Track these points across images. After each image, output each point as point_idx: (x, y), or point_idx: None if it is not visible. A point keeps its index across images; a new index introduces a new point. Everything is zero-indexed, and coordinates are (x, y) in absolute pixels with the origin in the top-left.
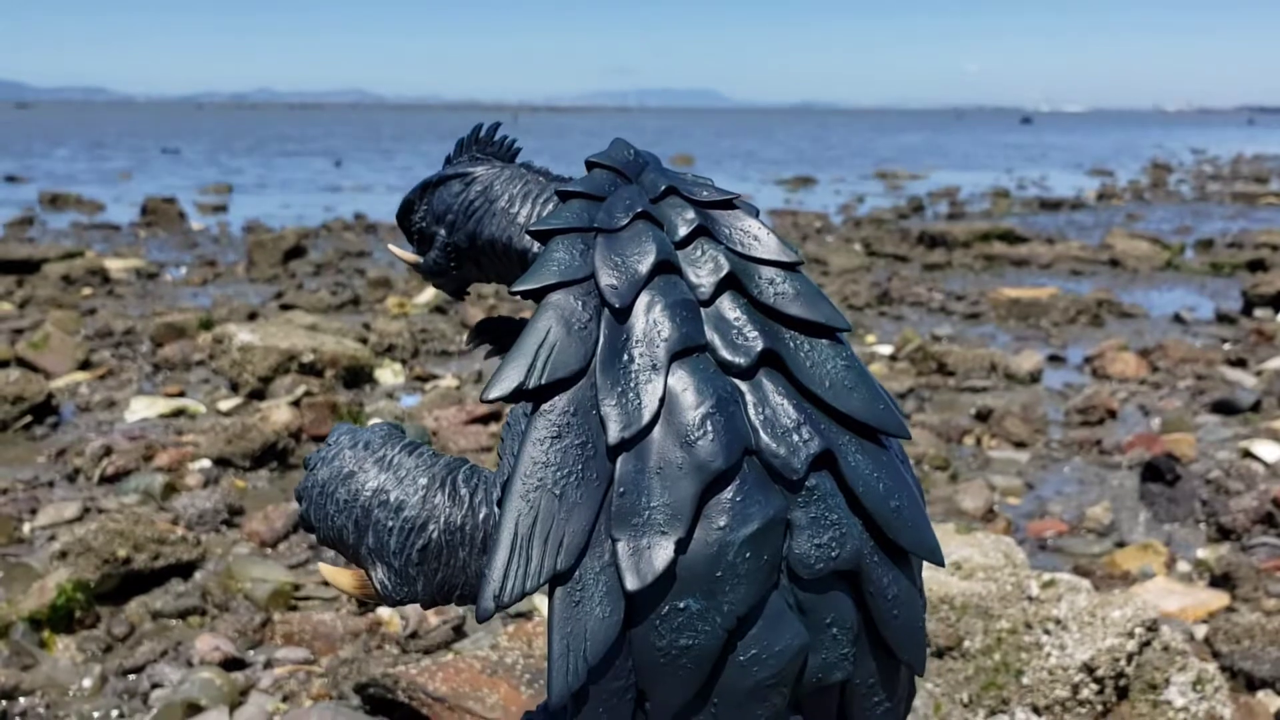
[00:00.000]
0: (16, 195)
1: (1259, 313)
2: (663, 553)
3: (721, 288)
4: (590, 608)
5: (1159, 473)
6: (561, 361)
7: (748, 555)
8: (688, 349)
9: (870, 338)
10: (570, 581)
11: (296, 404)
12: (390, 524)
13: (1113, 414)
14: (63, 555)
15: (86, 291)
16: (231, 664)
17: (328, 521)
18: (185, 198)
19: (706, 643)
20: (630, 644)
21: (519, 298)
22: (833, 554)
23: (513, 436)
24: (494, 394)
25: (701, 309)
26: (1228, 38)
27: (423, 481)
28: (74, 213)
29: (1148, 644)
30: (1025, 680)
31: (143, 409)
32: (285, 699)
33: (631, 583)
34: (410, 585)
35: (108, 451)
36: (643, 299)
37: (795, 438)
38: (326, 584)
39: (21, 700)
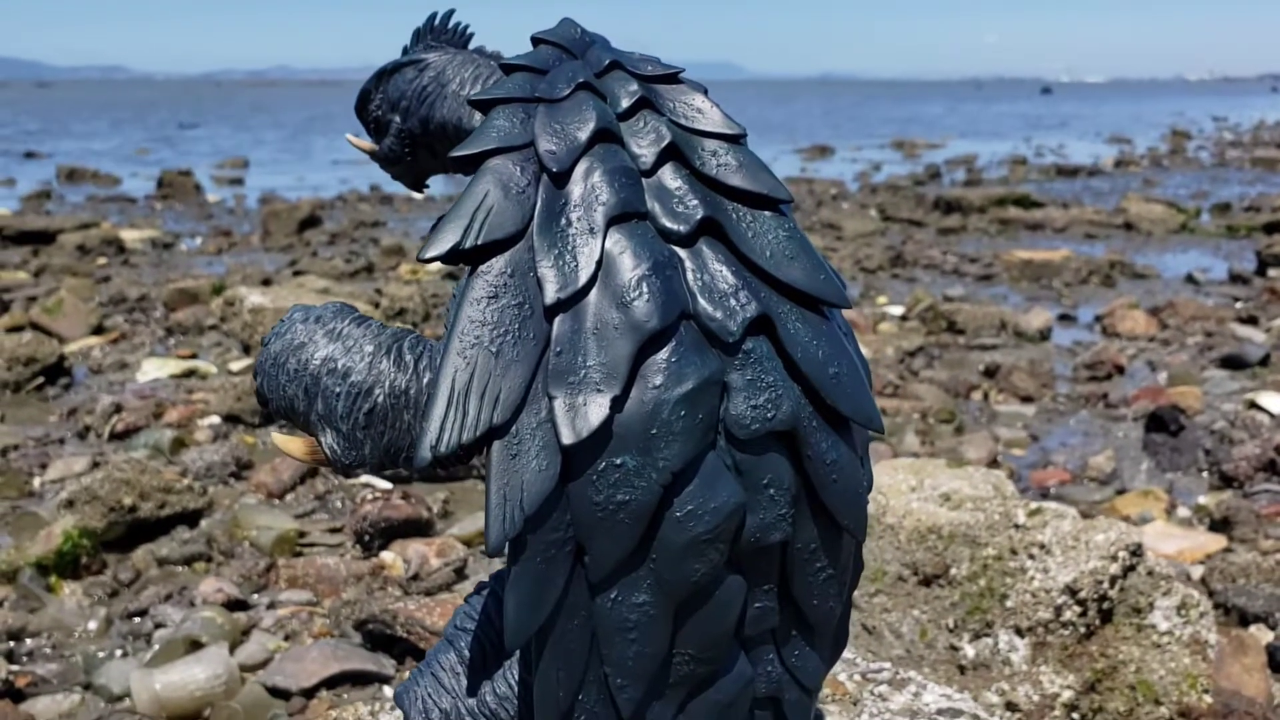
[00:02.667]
0: (35, 171)
1: (1273, 272)
2: (598, 409)
3: (663, 158)
4: (527, 461)
5: (1163, 423)
6: (498, 223)
7: (683, 414)
8: (626, 214)
9: (882, 299)
10: (507, 436)
11: None
12: (338, 390)
13: (1120, 369)
14: (69, 504)
15: (101, 261)
16: (234, 605)
17: (279, 392)
18: (202, 172)
19: (643, 498)
20: (568, 499)
21: (460, 173)
22: (768, 415)
23: (454, 305)
24: (430, 253)
25: (643, 179)
26: (1251, 5)
27: (369, 349)
28: (91, 186)
29: (1132, 569)
30: (1009, 604)
31: (154, 370)
32: (287, 638)
33: (567, 437)
34: (358, 449)
35: (118, 409)
36: (581, 165)
37: (732, 302)
38: (330, 533)
39: (28, 641)
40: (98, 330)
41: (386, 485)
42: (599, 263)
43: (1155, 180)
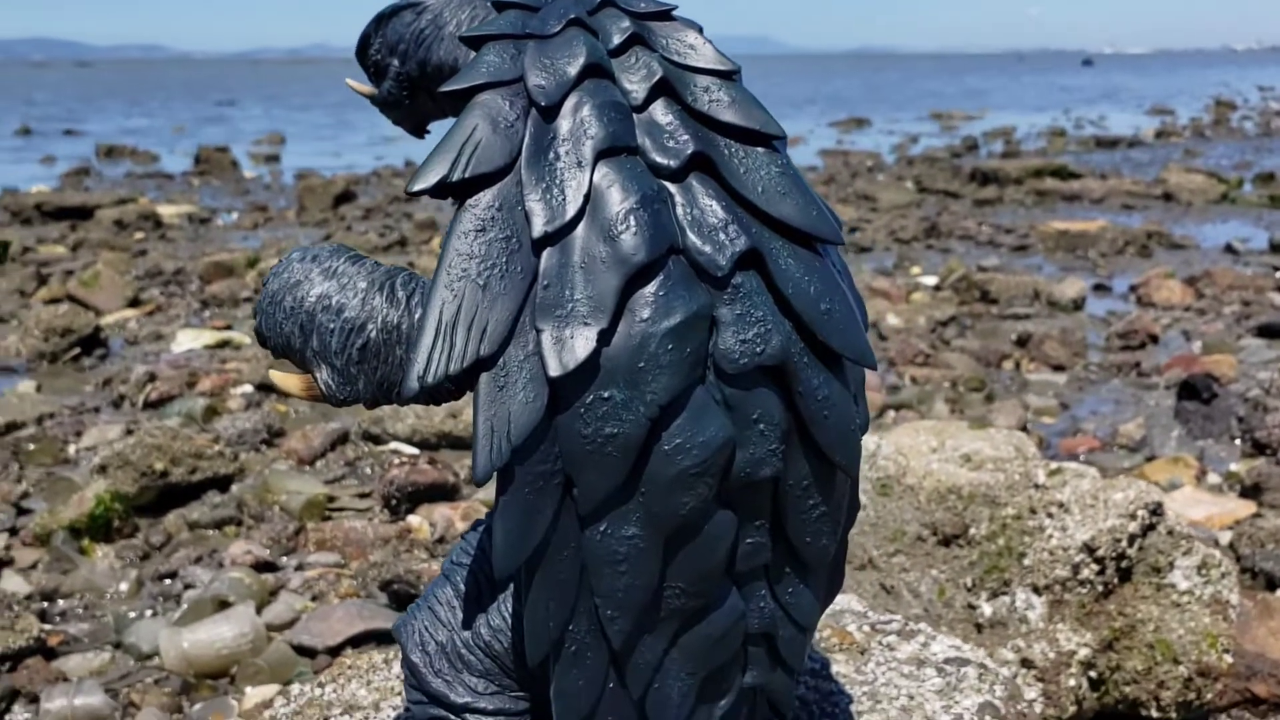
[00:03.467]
0: (74, 149)
1: None
2: (584, 342)
3: (655, 94)
4: (514, 393)
5: (1195, 391)
6: (486, 157)
7: (670, 347)
8: (615, 148)
9: (915, 269)
10: (494, 368)
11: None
12: (332, 326)
13: (1154, 338)
14: (102, 469)
15: (138, 235)
16: (263, 567)
17: (277, 329)
18: (239, 148)
19: (631, 431)
20: (556, 431)
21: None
22: (757, 350)
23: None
24: (417, 186)
25: (634, 114)
26: None
27: (362, 285)
28: (129, 163)
29: (1152, 527)
30: (1026, 562)
31: (188, 340)
32: (314, 598)
33: (554, 369)
34: (352, 384)
35: (152, 378)
36: (571, 99)
37: (722, 236)
38: (359, 498)
39: (61, 602)
40: (134, 303)
41: (414, 451)
42: (587, 196)
43: (1197, 151)
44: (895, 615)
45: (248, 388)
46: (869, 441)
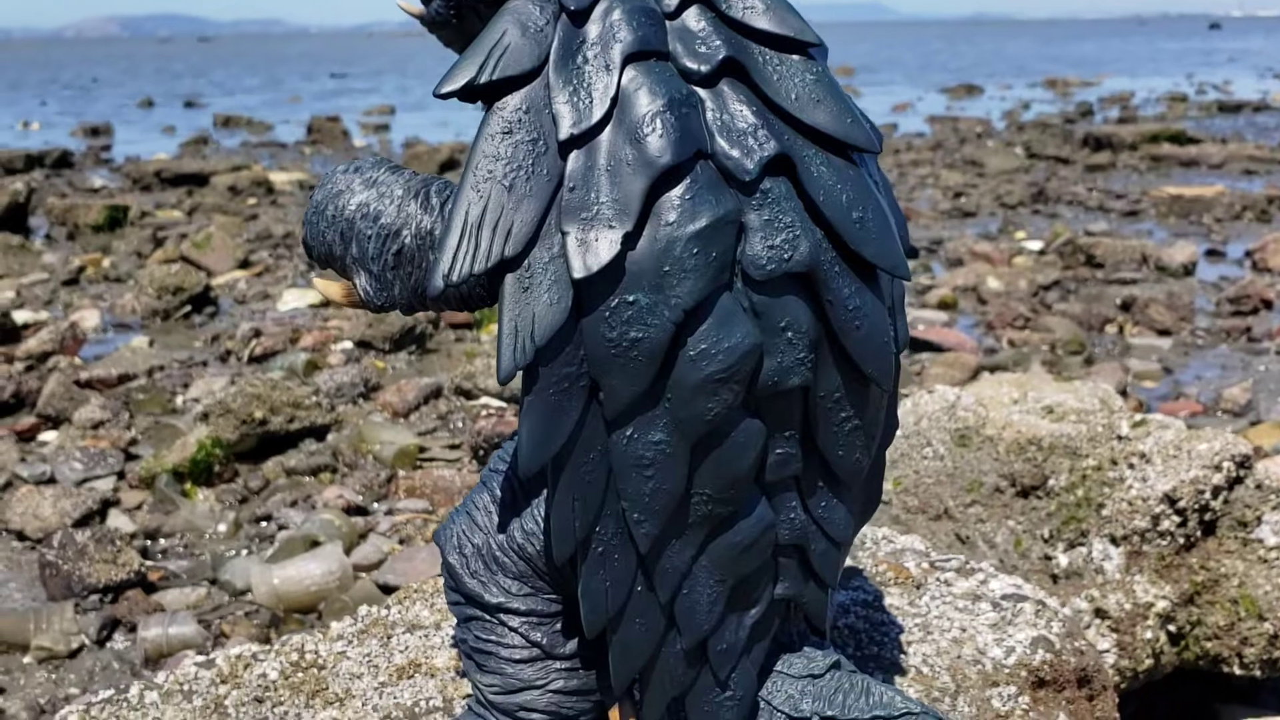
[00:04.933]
0: (194, 119)
1: None
2: (609, 245)
3: (687, 1)
4: (539, 294)
5: None
6: (514, 60)
7: (695, 251)
8: (644, 52)
9: (1020, 234)
10: (519, 269)
11: None
12: (369, 232)
13: (1268, 304)
14: (204, 417)
15: (251, 201)
16: (354, 511)
17: (320, 239)
18: (350, 118)
19: (656, 335)
20: (581, 334)
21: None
22: (785, 256)
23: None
24: (445, 89)
25: (666, 21)
26: None
27: (399, 192)
28: (244, 133)
29: (1240, 480)
30: (1105, 513)
31: (294, 300)
32: (401, 541)
33: (578, 271)
34: (388, 289)
35: (257, 334)
36: (601, 4)
37: (750, 141)
38: (449, 449)
39: (162, 540)
40: (244, 264)
41: (502, 404)
42: (614, 99)
43: None
44: (958, 556)
45: (348, 344)
46: (948, 393)
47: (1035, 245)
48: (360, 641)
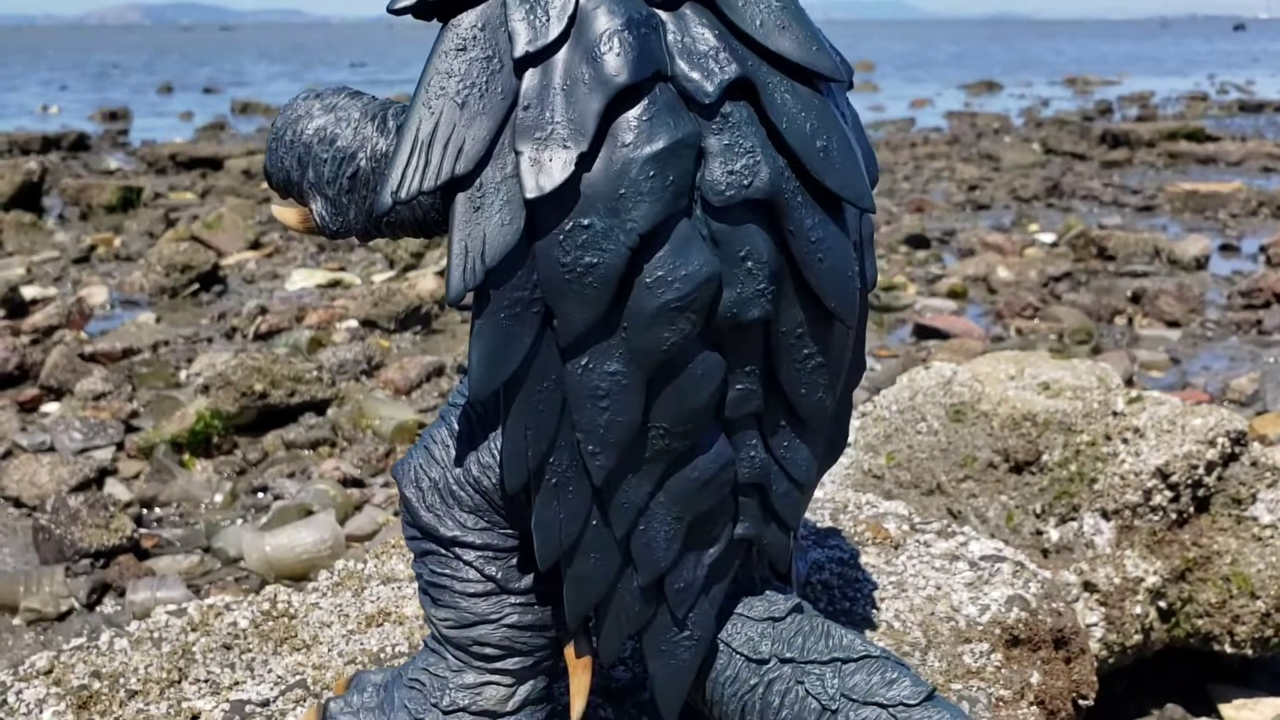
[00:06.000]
0: (212, 105)
1: None
2: (563, 165)
3: None
4: (490, 214)
5: None
6: None
7: (652, 174)
8: None
9: (1033, 226)
10: (470, 188)
11: (442, 273)
12: (325, 156)
13: None
14: (205, 389)
15: (264, 185)
16: (350, 483)
17: (279, 165)
18: None
19: (611, 261)
20: (534, 258)
21: None
22: (745, 182)
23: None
24: (400, 4)
25: None
26: None
27: (355, 116)
28: (262, 119)
29: (1235, 458)
30: (1097, 487)
31: (301, 280)
32: (396, 514)
33: (530, 191)
34: (343, 214)
35: (263, 311)
36: None
37: (712, 64)
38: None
39: (158, 509)
40: (254, 245)
41: None
42: (572, 18)
43: None
44: (943, 520)
45: (353, 323)
46: (944, 369)
47: (1048, 238)
48: (334, 593)
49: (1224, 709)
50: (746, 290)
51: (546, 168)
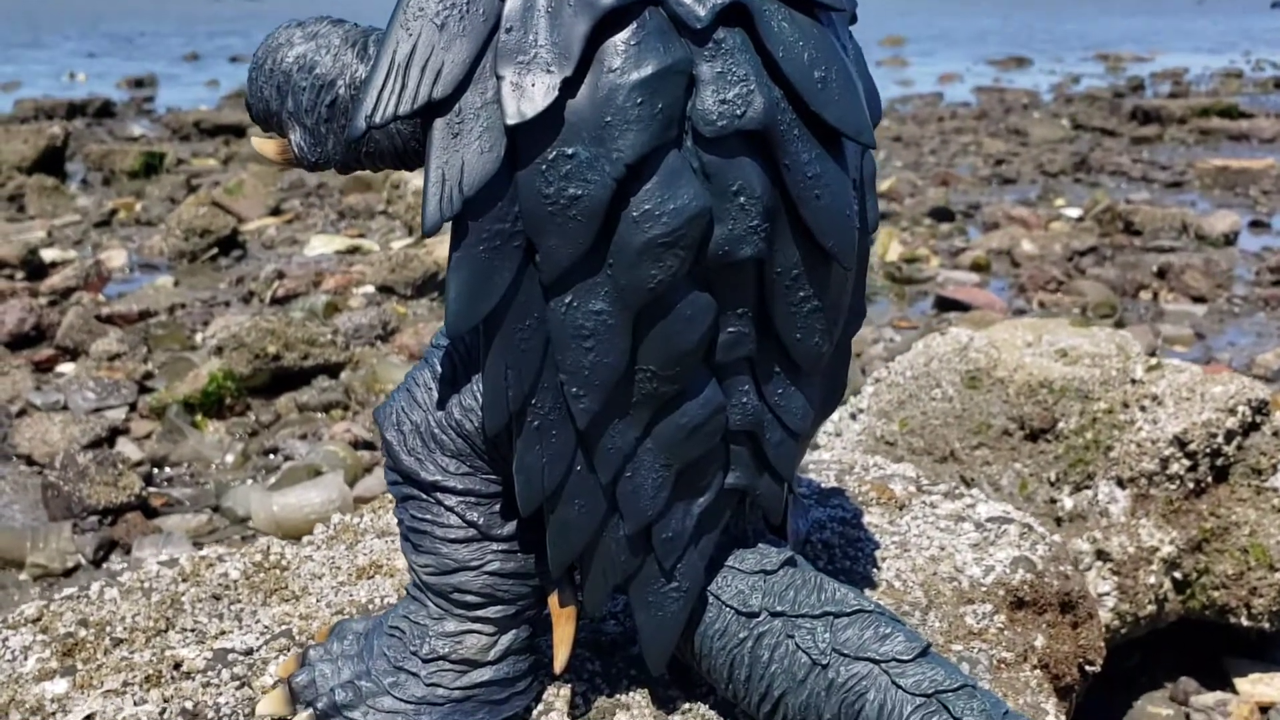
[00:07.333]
0: (238, 74)
1: None
2: (546, 90)
3: None
4: (469, 141)
5: None
6: None
7: (639, 101)
8: None
9: (1059, 200)
10: (449, 113)
11: None
12: (304, 84)
13: None
14: (218, 350)
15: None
16: (361, 445)
17: (259, 95)
18: None
19: (596, 193)
20: (516, 189)
21: None
22: (738, 112)
23: None
24: None
25: None
26: None
27: (336, 43)
28: None
29: (1256, 427)
30: (1113, 455)
31: (320, 245)
32: None
33: (511, 117)
34: (322, 144)
35: (280, 276)
36: None
37: None
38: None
39: (168, 469)
40: (275, 212)
41: None
42: None
43: None
44: (950, 483)
45: (370, 288)
46: (960, 335)
47: (1074, 212)
48: (328, 546)
49: (1239, 683)
50: (739, 227)
51: (529, 93)
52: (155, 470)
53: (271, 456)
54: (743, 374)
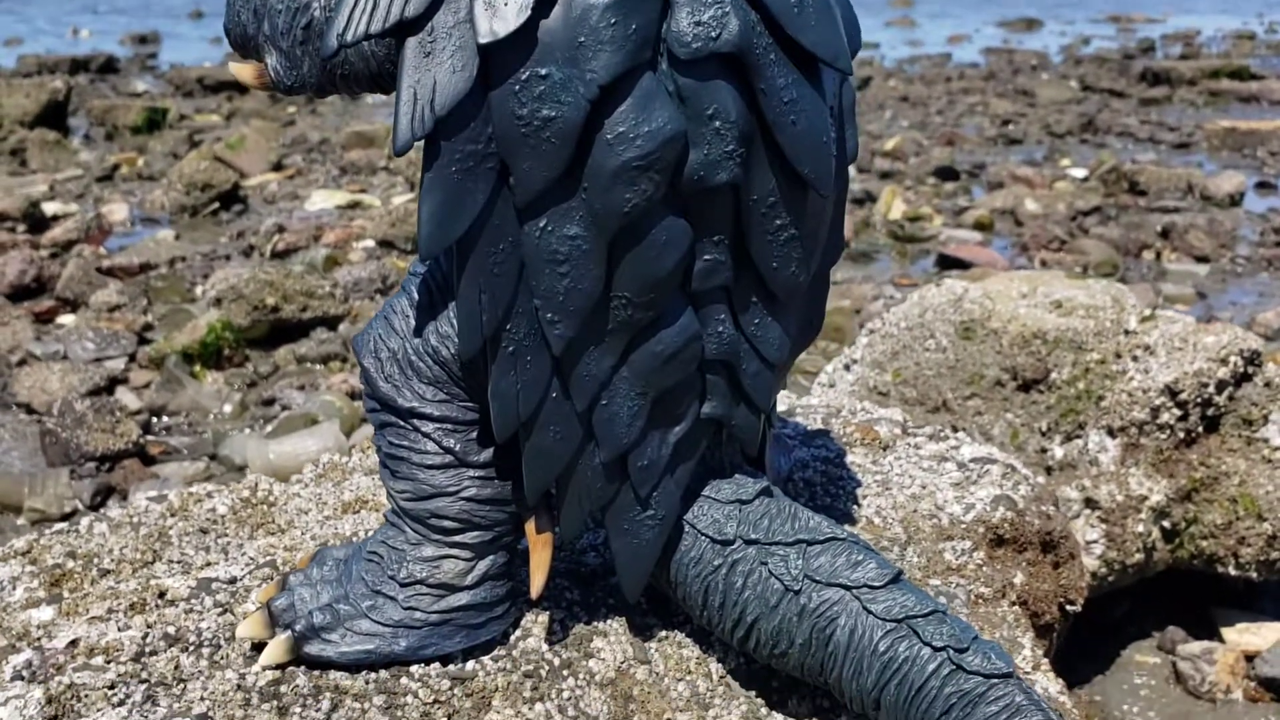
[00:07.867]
0: None
1: None
2: (519, 8)
3: None
4: (441, 60)
5: None
6: None
7: (613, 21)
8: None
9: (1065, 160)
10: (421, 32)
11: None
12: (280, 6)
13: None
14: (217, 302)
15: (290, 108)
16: (358, 396)
17: (236, 19)
18: None
19: (570, 114)
20: (489, 109)
21: None
22: (713, 34)
23: None
24: None
25: None
26: None
27: None
28: None
29: (1247, 378)
30: (1104, 404)
31: (322, 200)
32: None
33: (484, 35)
34: (297, 67)
35: (280, 230)
36: None
37: None
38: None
39: (166, 418)
40: (276, 167)
41: None
42: None
43: None
44: (936, 427)
45: (370, 242)
46: (955, 286)
47: (1079, 172)
48: (315, 484)
49: (1226, 632)
50: (714, 152)
51: (501, 12)
52: (154, 419)
53: (270, 407)
54: (719, 303)
